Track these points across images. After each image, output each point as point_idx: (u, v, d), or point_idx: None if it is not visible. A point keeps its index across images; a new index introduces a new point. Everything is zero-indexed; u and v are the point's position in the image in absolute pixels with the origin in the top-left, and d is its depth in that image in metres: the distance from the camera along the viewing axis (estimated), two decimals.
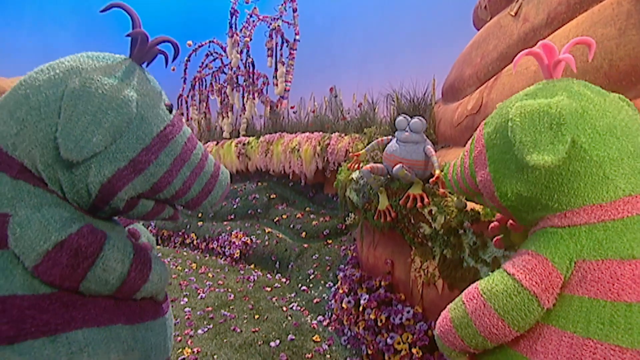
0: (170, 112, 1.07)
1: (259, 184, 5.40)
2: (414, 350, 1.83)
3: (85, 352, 0.90)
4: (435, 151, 2.28)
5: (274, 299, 3.23)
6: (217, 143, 6.11)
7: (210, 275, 3.93)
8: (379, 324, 2.07)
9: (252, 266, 4.23)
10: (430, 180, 1.79)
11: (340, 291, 2.61)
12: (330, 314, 2.79)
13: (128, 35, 1.03)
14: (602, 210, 0.75)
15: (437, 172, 1.74)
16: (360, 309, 2.25)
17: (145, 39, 1.03)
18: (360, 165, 2.20)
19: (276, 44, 5.73)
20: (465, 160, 1.00)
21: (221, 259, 4.58)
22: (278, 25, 5.65)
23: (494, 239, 1.20)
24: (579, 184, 0.76)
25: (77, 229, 0.89)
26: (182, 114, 7.47)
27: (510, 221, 1.04)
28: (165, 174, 1.02)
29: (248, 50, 6.08)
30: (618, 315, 0.68)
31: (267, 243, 4.27)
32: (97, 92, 0.90)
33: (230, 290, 3.46)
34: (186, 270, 4.12)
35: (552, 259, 0.76)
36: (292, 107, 5.59)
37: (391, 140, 2.01)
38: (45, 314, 0.87)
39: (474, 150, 0.96)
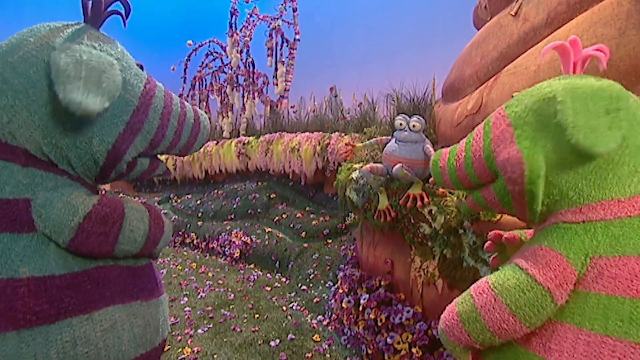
0: (142, 70, 1.10)
1: (259, 183, 5.40)
2: (413, 350, 1.84)
3: (115, 328, 0.97)
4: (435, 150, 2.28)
5: (273, 299, 3.24)
6: (217, 143, 6.11)
7: (210, 274, 3.94)
8: (379, 323, 2.07)
9: (252, 266, 4.23)
10: (430, 179, 1.79)
11: (340, 291, 2.61)
12: (330, 313, 2.79)
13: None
14: (620, 206, 0.74)
15: None
16: (360, 308, 2.25)
17: (98, 0, 1.03)
18: (352, 157, 2.19)
19: (276, 43, 5.73)
20: (477, 144, 0.93)
21: (221, 258, 4.58)
22: (278, 25, 5.65)
23: (491, 258, 1.14)
24: (608, 174, 0.74)
25: (97, 200, 0.95)
26: None
27: (506, 236, 1.00)
28: (159, 128, 1.09)
29: (248, 50, 6.09)
30: (638, 312, 0.67)
31: (267, 243, 4.27)
32: (83, 57, 0.89)
33: (230, 289, 3.46)
34: (186, 269, 4.12)
35: (566, 254, 0.74)
36: (292, 107, 5.60)
37: (390, 140, 2.01)
38: (80, 292, 0.93)
39: (492, 131, 0.89)
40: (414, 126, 1.86)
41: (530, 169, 0.79)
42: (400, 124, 1.89)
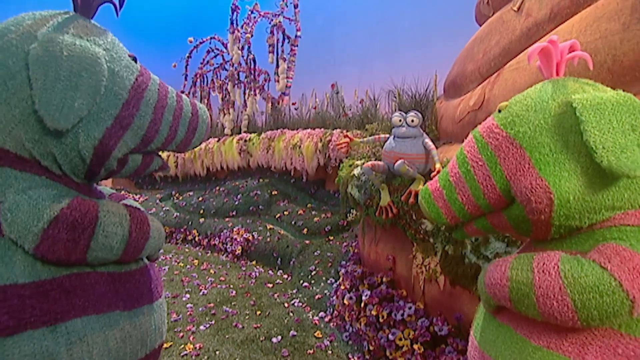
0: (135, 62, 1.04)
1: (261, 180, 5.41)
2: (415, 346, 1.84)
3: (85, 341, 0.89)
4: (437, 147, 2.27)
5: (275, 295, 3.24)
6: (219, 140, 6.11)
7: (212, 271, 3.94)
8: (381, 320, 2.07)
9: (254, 262, 4.24)
10: (432, 175, 1.78)
11: (342, 287, 2.61)
12: (331, 310, 2.79)
13: None
14: None
15: (438, 165, 1.75)
16: (362, 305, 2.25)
17: None
18: (348, 150, 2.20)
19: (277, 40, 5.72)
20: (482, 173, 0.84)
21: (223, 255, 4.59)
22: (279, 22, 5.63)
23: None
24: None
25: (67, 203, 0.87)
26: None
27: None
28: (151, 123, 1.02)
29: (249, 47, 6.08)
30: None
31: (268, 239, 4.28)
32: (64, 54, 0.85)
33: (232, 286, 3.47)
34: (188, 266, 4.13)
35: None
36: (293, 104, 5.59)
37: (388, 138, 2.01)
38: (45, 302, 0.85)
39: (498, 155, 0.81)
40: (412, 121, 1.86)
41: (559, 197, 0.72)
42: (399, 120, 1.90)
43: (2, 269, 0.82)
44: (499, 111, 0.87)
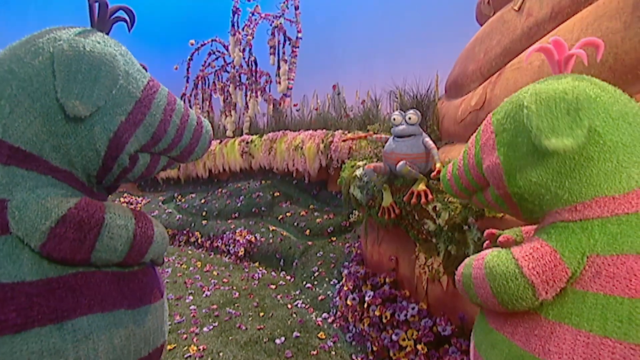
0: (146, 71, 1.12)
1: (263, 182, 5.41)
2: (419, 347, 1.84)
3: (90, 339, 0.92)
4: (438, 147, 2.27)
5: (278, 297, 3.24)
6: (221, 142, 6.12)
7: (215, 273, 3.95)
8: (384, 320, 2.07)
9: (257, 264, 4.24)
10: (432, 174, 1.78)
11: (345, 288, 2.61)
12: (335, 311, 2.79)
13: (89, 5, 1.06)
14: (616, 203, 0.73)
15: (438, 165, 1.74)
16: (365, 305, 2.25)
17: (105, 5, 1.07)
18: (355, 143, 2.23)
19: (278, 41, 5.72)
20: (470, 151, 0.98)
21: (226, 257, 4.60)
22: (280, 23, 5.64)
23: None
24: (592, 170, 0.74)
25: (74, 203, 0.90)
26: None
27: (500, 239, 1.00)
28: (161, 122, 1.08)
29: (250, 49, 6.09)
30: (637, 312, 0.66)
31: (271, 241, 4.28)
32: (86, 50, 0.92)
33: (235, 288, 3.47)
34: (191, 268, 4.14)
35: (561, 252, 0.74)
36: (295, 105, 5.59)
37: (389, 139, 2.01)
38: (52, 300, 0.88)
39: (481, 139, 0.94)
40: (410, 118, 1.86)
41: (507, 174, 0.84)
42: (394, 119, 1.91)
43: (10, 267, 0.85)
44: None
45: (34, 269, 0.87)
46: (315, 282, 3.31)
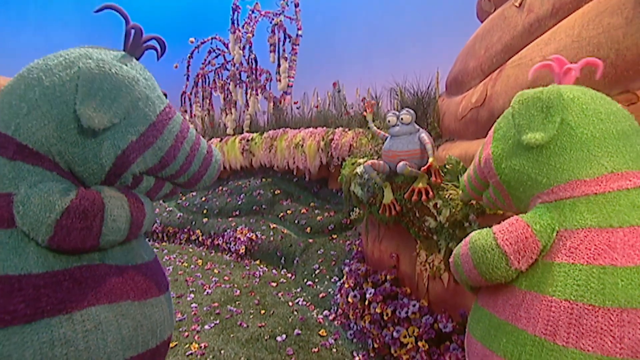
0: (166, 97, 1.16)
1: (264, 180, 5.41)
2: (420, 344, 1.84)
3: (100, 329, 0.94)
4: (440, 145, 2.27)
5: (279, 294, 3.25)
6: (221, 140, 6.12)
7: (216, 271, 3.96)
8: (385, 317, 2.08)
9: (258, 262, 4.25)
10: (422, 168, 1.80)
11: (346, 285, 2.62)
12: (336, 308, 2.80)
13: (126, 30, 1.10)
14: (586, 185, 0.82)
15: (431, 159, 1.78)
16: (366, 303, 2.25)
17: (140, 33, 1.11)
18: (372, 110, 2.31)
19: (278, 39, 5.71)
20: (477, 152, 1.12)
21: (227, 255, 4.60)
22: (280, 21, 5.63)
23: None
24: (565, 158, 0.85)
25: (75, 194, 0.93)
26: (186, 111, 7.49)
27: None
28: (170, 148, 1.11)
29: (250, 46, 6.08)
30: (592, 277, 0.74)
31: (272, 239, 4.28)
32: (111, 71, 0.97)
33: (236, 285, 3.48)
34: (192, 266, 4.14)
35: (533, 225, 0.83)
36: (295, 103, 5.59)
37: (386, 138, 2.04)
38: (59, 291, 0.90)
39: (486, 140, 1.06)
40: (402, 119, 1.91)
41: (495, 162, 0.99)
42: (389, 120, 1.95)
43: (17, 260, 0.88)
44: None
45: (40, 262, 0.90)
46: (316, 280, 3.32)
